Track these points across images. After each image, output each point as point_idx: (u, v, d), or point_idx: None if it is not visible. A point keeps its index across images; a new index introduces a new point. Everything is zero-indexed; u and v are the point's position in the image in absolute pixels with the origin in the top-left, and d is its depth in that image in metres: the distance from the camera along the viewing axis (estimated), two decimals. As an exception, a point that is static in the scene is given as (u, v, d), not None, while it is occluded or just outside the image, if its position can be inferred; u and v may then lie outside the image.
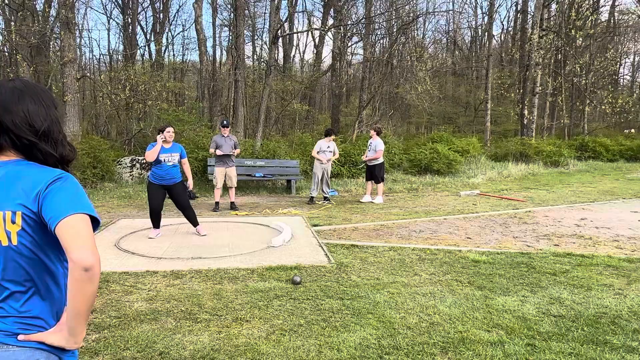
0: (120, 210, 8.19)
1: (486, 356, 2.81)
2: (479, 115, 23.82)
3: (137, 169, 11.75)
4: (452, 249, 5.39)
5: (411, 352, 2.86)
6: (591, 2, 22.54)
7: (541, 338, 3.08)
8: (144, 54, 23.69)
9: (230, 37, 20.90)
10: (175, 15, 32.02)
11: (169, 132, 5.76)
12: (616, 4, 27.82)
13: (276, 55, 20.96)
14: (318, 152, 9.14)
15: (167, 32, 25.32)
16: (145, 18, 24.43)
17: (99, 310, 3.46)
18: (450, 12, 27.00)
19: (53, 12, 14.21)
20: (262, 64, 22.72)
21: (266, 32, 22.90)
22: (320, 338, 3.04)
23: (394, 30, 18.32)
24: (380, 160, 9.41)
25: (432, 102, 20.24)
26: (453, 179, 12.74)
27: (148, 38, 23.69)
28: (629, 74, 36.97)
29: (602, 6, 24.85)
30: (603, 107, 21.85)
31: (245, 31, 17.95)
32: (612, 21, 28.49)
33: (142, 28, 23.78)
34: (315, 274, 4.40)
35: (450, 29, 30.83)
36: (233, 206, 8.33)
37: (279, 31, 15.45)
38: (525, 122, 18.81)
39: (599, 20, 23.72)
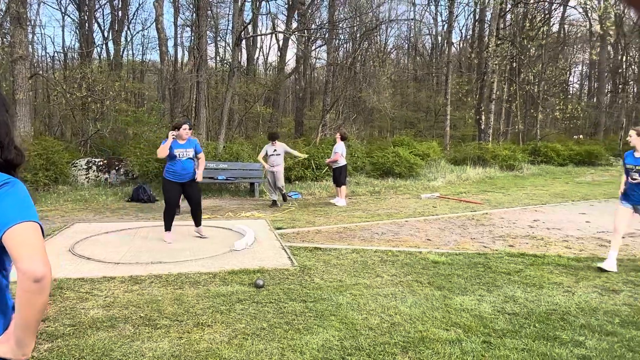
0: (75, 214, 7.89)
1: (445, 354, 2.90)
2: (439, 120, 24.47)
3: (94, 172, 11.35)
4: (413, 250, 5.51)
5: (373, 353, 2.90)
6: (543, 14, 23.67)
7: (496, 335, 3.20)
8: (101, 53, 22.96)
9: (193, 38, 20.56)
10: (134, 14, 31.13)
11: (185, 129, 5.72)
12: (565, 16, 29.34)
13: (239, 57, 20.79)
14: (264, 156, 9.20)
15: (126, 31, 24.64)
16: (103, 15, 23.68)
17: (52, 318, 3.32)
18: (412, 20, 27.63)
19: (2, 6, 13.53)
20: (225, 65, 22.47)
21: (229, 33, 22.67)
22: (283, 341, 3.04)
23: (357, 35, 18.57)
24: (342, 163, 9.50)
25: (394, 106, 20.64)
26: (414, 182, 13.02)
27: (106, 36, 22.97)
28: (578, 82, 39.13)
29: (552, 17, 26.12)
30: (554, 113, 22.96)
31: (208, 32, 17.71)
32: (562, 32, 30.01)
33: (99, 26, 23.03)
34: (278, 277, 4.39)
35: (412, 35, 31.56)
36: (195, 209, 8.18)
37: (243, 33, 15.32)
38: (482, 127, 19.49)
39: (550, 32, 24.93)
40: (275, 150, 9.11)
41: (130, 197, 9.49)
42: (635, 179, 4.64)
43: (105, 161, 11.66)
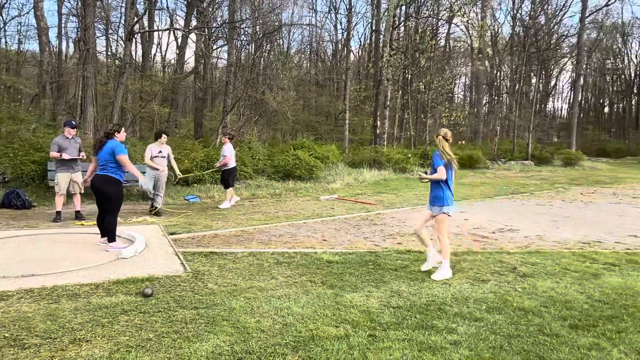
0: None
1: (332, 350, 3.01)
2: (338, 125, 25.31)
3: (-46, 174, 9.87)
4: (309, 251, 5.64)
5: (264, 355, 2.92)
6: (432, 28, 25.72)
7: (381, 328, 3.40)
8: (-35, 39, 20.12)
9: (79, 29, 18.91)
10: (8, -3, 27.69)
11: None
12: (450, 32, 32.22)
13: (133, 52, 19.56)
14: (151, 158, 8.21)
15: (-3, 16, 21.85)
16: (-32, -4, 20.74)
17: None
18: (312, 26, 28.25)
19: None
20: (117, 60, 20.98)
21: (122, 26, 21.23)
22: (170, 351, 2.93)
23: (260, 36, 18.52)
24: (231, 165, 9.40)
25: (295, 109, 20.94)
26: (314, 185, 13.31)
27: (-29, 20, 20.18)
28: (462, 92, 43.24)
29: (439, 32, 28.51)
30: (441, 120, 25.01)
31: (97, 24, 16.39)
32: (447, 47, 32.85)
33: (-38, 8, 20.14)
34: (169, 284, 4.21)
35: (314, 41, 32.28)
36: (78, 215, 7.53)
37: (136, 27, 14.45)
38: (378, 132, 20.58)
39: (438, 45, 27.16)
40: (160, 152, 8.41)
41: (1, 203, 8.43)
42: (421, 178, 5.16)
43: (-31, 162, 10.21)
